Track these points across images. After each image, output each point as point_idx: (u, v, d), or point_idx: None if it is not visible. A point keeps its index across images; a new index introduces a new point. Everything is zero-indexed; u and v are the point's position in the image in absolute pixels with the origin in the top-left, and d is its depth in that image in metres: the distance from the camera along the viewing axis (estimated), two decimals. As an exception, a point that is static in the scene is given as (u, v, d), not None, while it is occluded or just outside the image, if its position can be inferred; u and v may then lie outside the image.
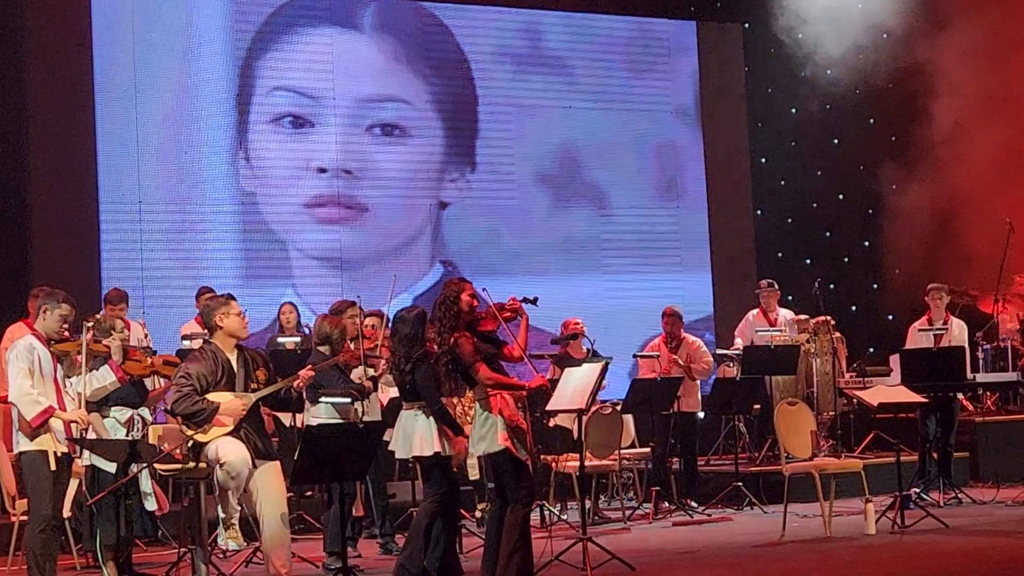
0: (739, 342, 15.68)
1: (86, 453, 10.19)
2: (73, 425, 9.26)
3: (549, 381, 10.15)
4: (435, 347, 9.51)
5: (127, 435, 10.23)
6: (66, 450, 9.32)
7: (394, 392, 10.73)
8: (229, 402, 9.16)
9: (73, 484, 11.10)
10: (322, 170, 16.98)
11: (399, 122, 17.62)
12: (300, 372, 9.72)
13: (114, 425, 10.34)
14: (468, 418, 10.94)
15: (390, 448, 9.97)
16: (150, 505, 10.43)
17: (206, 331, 9.86)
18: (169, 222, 16.17)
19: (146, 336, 13.60)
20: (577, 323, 13.98)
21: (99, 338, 10.10)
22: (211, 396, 9.14)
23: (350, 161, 17.20)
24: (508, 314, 9.53)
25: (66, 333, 9.56)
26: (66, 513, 10.85)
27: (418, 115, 17.66)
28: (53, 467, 9.19)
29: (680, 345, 14.24)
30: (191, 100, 16.45)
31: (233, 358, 9.34)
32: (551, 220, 18.28)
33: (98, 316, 10.89)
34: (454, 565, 9.74)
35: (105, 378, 9.95)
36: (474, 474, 11.32)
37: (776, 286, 16.07)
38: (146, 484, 10.29)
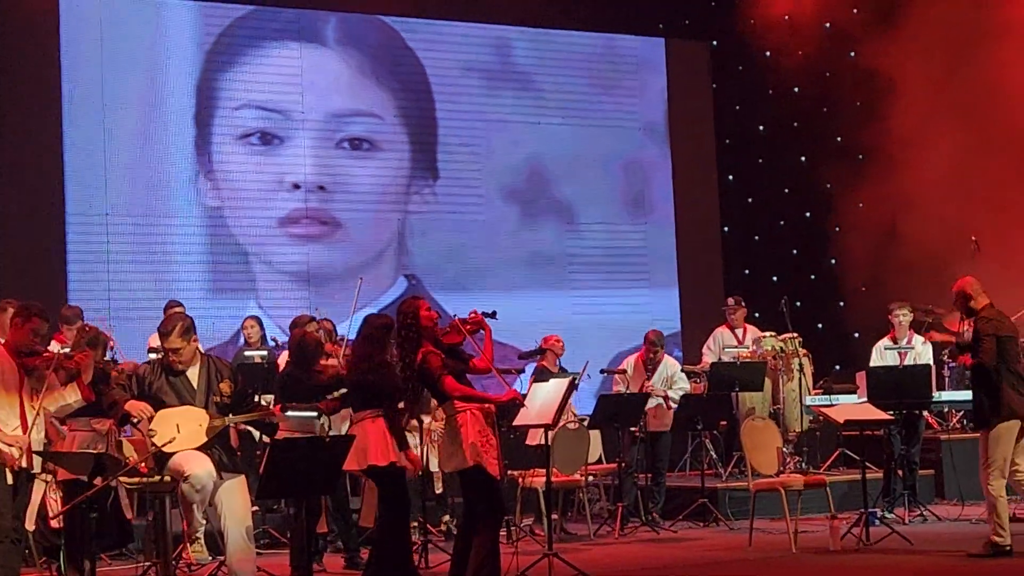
0: (707, 358, 15.71)
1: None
2: (12, 449, 9.11)
3: (522, 396, 10.11)
4: (400, 366, 9.50)
5: (106, 446, 10.24)
6: (24, 465, 9.24)
7: None
8: (134, 403, 9.10)
9: (37, 497, 11.07)
10: (296, 186, 17.07)
11: (368, 136, 17.64)
12: (275, 410, 9.67)
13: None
14: (435, 435, 10.95)
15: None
16: (128, 512, 10.45)
17: None
18: (136, 235, 16.18)
19: (112, 348, 13.55)
20: (558, 340, 14.04)
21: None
22: (168, 411, 9.07)
23: (321, 176, 17.22)
24: (471, 327, 9.55)
25: (38, 346, 9.49)
26: (30, 526, 10.82)
27: (388, 129, 17.69)
28: (10, 481, 9.12)
29: (656, 368, 14.23)
30: (159, 114, 16.46)
31: (194, 371, 9.25)
32: (518, 235, 18.33)
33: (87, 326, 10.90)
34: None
35: (70, 396, 9.88)
36: (439, 487, 11.30)
37: (743, 303, 16.13)
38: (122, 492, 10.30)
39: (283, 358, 12.76)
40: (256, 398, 10.30)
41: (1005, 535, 10.84)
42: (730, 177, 19.90)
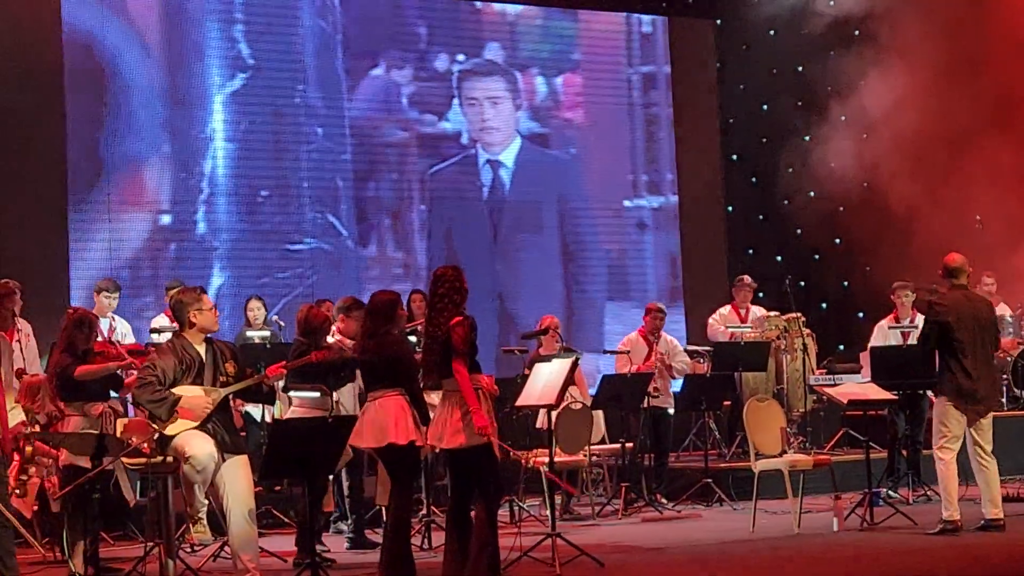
0: (719, 328, 15.69)
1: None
2: None
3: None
4: (427, 332, 9.40)
5: (100, 429, 10.20)
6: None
7: None
8: (193, 397, 9.06)
9: (37, 480, 11.08)
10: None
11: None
12: (268, 369, 9.63)
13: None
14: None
15: (351, 442, 9.74)
16: (128, 494, 10.45)
17: (176, 324, 9.75)
18: (139, 214, 16.32)
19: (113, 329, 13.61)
20: (554, 320, 14.00)
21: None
22: (179, 390, 9.07)
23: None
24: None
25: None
26: (32, 508, 10.84)
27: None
28: None
29: (658, 341, 14.28)
30: (164, 88, 16.61)
31: (202, 351, 9.26)
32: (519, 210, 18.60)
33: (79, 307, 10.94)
34: (408, 559, 9.70)
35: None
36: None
37: (753, 283, 16.15)
38: (121, 475, 10.29)
39: None
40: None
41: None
42: (734, 156, 19.85)
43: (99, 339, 10.92)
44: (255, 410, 13.07)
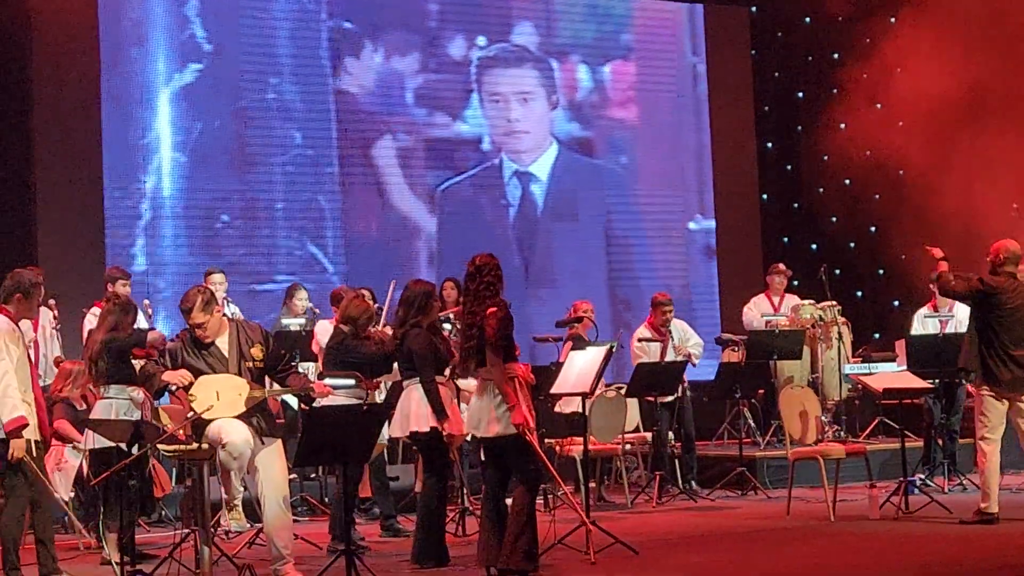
0: (754, 317, 15.62)
1: (91, 435, 10.23)
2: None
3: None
4: (464, 317, 9.43)
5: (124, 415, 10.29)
6: (39, 438, 9.31)
7: None
8: (172, 372, 9.09)
9: (72, 469, 11.15)
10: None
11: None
12: (316, 385, 9.64)
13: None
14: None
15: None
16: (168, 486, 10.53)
17: None
18: (175, 203, 15.36)
19: (150, 316, 13.65)
20: (589, 306, 13.97)
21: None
22: (208, 378, 9.07)
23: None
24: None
25: None
26: (69, 495, 10.89)
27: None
28: (34, 453, 9.20)
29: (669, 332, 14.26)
30: (201, 77, 15.16)
31: (223, 340, 9.22)
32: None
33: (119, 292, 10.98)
34: (442, 546, 9.89)
35: None
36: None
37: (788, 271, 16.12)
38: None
39: (320, 327, 12.74)
40: (294, 363, 10.30)
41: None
42: (769, 144, 19.79)
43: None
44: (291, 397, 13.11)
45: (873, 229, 18.78)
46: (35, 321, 12.66)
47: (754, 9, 19.78)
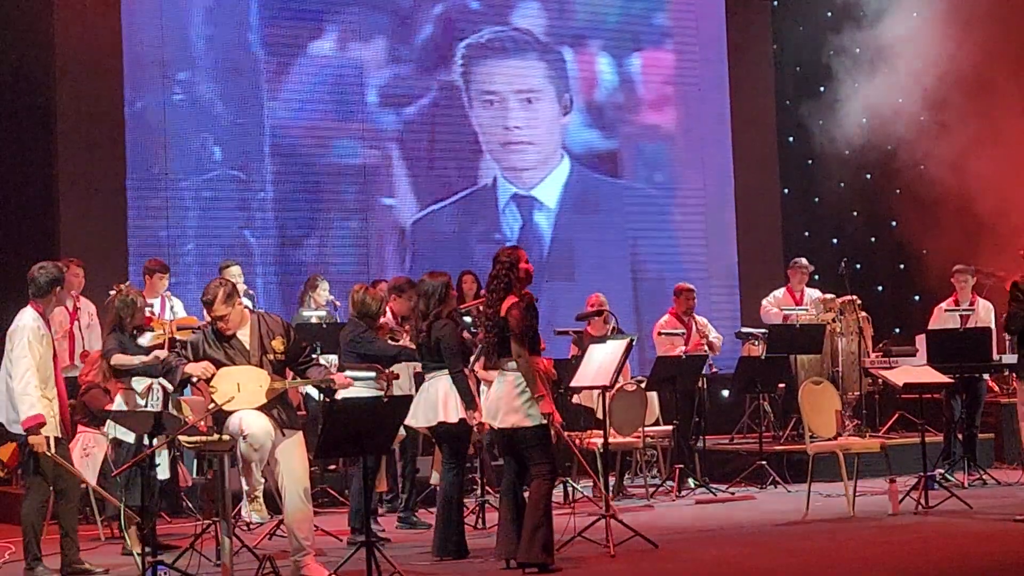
0: (773, 311, 15.60)
1: (111, 425, 10.29)
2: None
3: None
4: (485, 313, 9.47)
5: (145, 405, 10.34)
6: (59, 434, 9.43)
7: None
8: (195, 364, 9.11)
9: (99, 456, 11.20)
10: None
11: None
12: (337, 377, 9.65)
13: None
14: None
15: (407, 421, 9.93)
16: (161, 474, 10.54)
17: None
18: (196, 192, 15.08)
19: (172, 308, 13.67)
20: (601, 301, 13.95)
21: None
22: (229, 369, 9.09)
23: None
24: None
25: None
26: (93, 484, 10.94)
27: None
28: (53, 449, 9.32)
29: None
30: (220, 64, 14.86)
31: (244, 332, 9.24)
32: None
33: (123, 287, 10.95)
34: (460, 538, 9.97)
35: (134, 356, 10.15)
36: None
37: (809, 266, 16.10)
38: (159, 454, 10.37)
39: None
40: (316, 355, 10.31)
41: None
42: (790, 139, 19.74)
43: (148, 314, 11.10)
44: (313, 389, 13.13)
45: (894, 224, 18.75)
46: (72, 314, 12.75)
47: (776, 2, 19.72)
